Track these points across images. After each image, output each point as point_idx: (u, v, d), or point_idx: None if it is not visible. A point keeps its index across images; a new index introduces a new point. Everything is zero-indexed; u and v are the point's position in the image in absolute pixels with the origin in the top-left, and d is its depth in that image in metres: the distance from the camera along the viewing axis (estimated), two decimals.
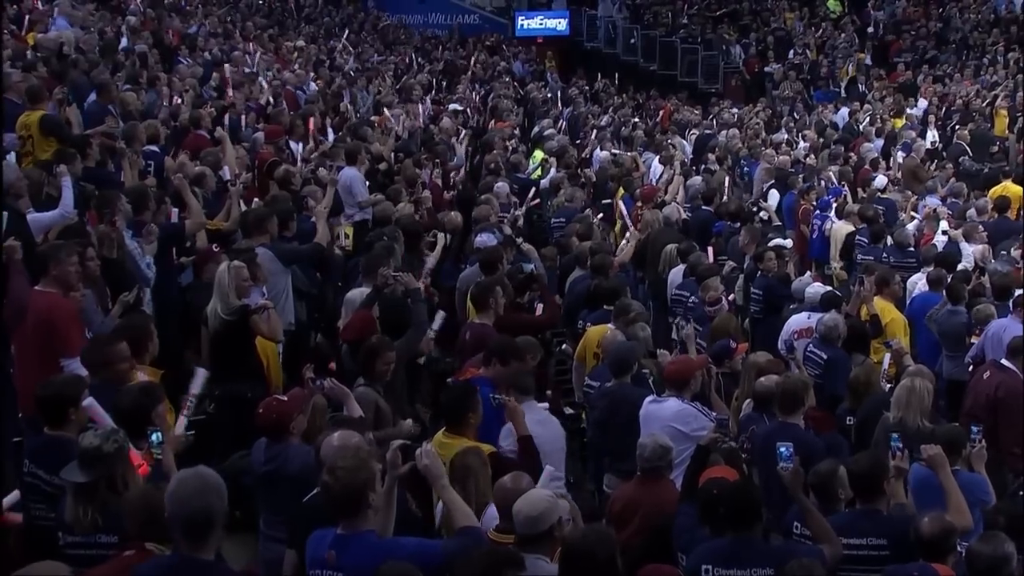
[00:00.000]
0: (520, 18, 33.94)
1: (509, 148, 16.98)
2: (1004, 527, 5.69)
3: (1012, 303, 9.79)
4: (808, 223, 14.52)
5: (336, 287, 10.10)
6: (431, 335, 8.45)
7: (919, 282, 11.20)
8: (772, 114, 23.81)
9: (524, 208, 13.36)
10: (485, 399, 6.68)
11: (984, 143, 19.52)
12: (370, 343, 7.28)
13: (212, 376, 7.90)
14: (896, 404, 7.35)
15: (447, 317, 8.83)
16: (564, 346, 10.36)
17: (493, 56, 29.21)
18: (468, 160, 17.36)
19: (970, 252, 11.88)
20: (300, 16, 27.16)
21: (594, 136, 19.57)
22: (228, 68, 14.92)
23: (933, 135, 20.53)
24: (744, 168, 17.43)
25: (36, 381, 6.16)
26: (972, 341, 9.73)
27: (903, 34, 28.90)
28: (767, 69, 29.06)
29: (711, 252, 11.70)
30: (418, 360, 8.62)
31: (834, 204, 14.30)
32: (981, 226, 12.91)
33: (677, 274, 11.31)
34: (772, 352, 8.99)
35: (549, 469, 5.67)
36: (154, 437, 5.48)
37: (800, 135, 20.08)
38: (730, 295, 10.58)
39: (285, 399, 6.32)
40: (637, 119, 23.27)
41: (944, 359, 10.16)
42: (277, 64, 18.78)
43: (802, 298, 10.09)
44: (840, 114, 22.93)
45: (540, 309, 9.34)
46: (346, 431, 5.64)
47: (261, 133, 12.88)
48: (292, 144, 13.06)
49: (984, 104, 21.72)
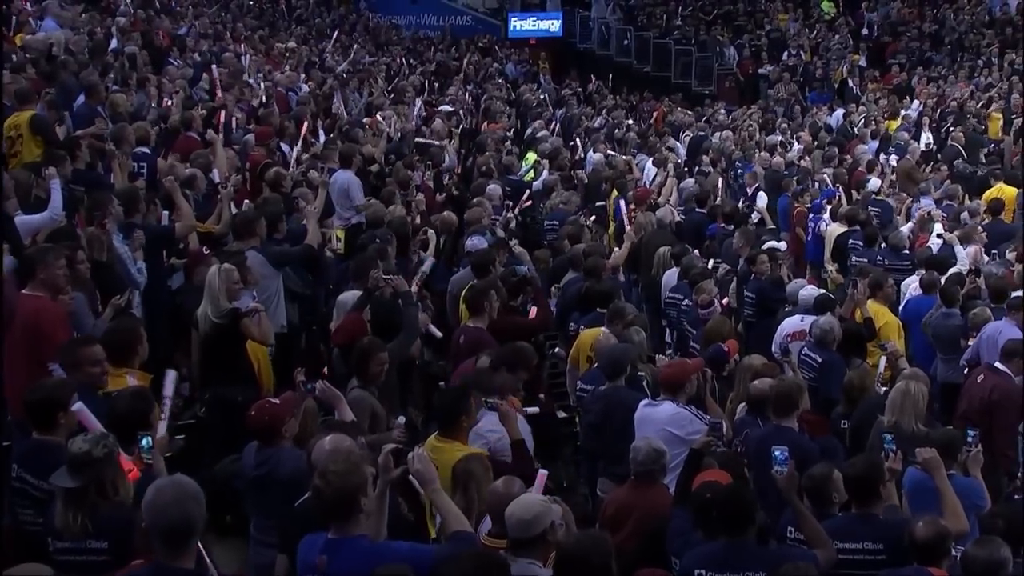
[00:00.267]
0: (513, 19, 33.87)
1: (503, 151, 16.92)
2: (1003, 530, 5.66)
3: (1007, 305, 9.78)
4: (803, 226, 14.51)
5: (328, 290, 10.05)
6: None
7: (912, 285, 11.17)
8: (764, 113, 23.75)
9: (517, 210, 13.32)
10: None
11: (977, 145, 19.51)
12: (362, 344, 7.26)
13: (202, 380, 7.91)
14: (891, 407, 7.34)
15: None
16: (557, 349, 10.31)
17: (486, 57, 29.16)
18: (460, 162, 17.31)
19: (964, 255, 11.86)
20: (291, 17, 27.12)
21: (587, 138, 19.52)
22: (215, 69, 14.83)
23: (928, 137, 20.53)
24: (738, 170, 17.40)
25: (24, 385, 6.13)
26: (968, 344, 9.72)
27: (899, 36, 28.90)
28: (761, 71, 29.05)
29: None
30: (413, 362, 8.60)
31: (827, 206, 14.28)
32: (980, 227, 12.90)
33: (670, 277, 11.27)
34: (765, 355, 8.96)
35: (543, 473, 5.62)
36: (144, 442, 5.44)
37: (795, 137, 20.05)
38: (724, 298, 10.53)
39: (277, 402, 6.29)
40: (630, 121, 23.23)
41: (938, 362, 10.15)
42: (268, 65, 18.70)
43: (796, 301, 10.06)
44: (834, 116, 22.92)
45: (533, 312, 9.31)
46: (338, 435, 5.61)
47: (251, 135, 12.82)
48: (283, 146, 13.00)
49: (979, 106, 21.72)
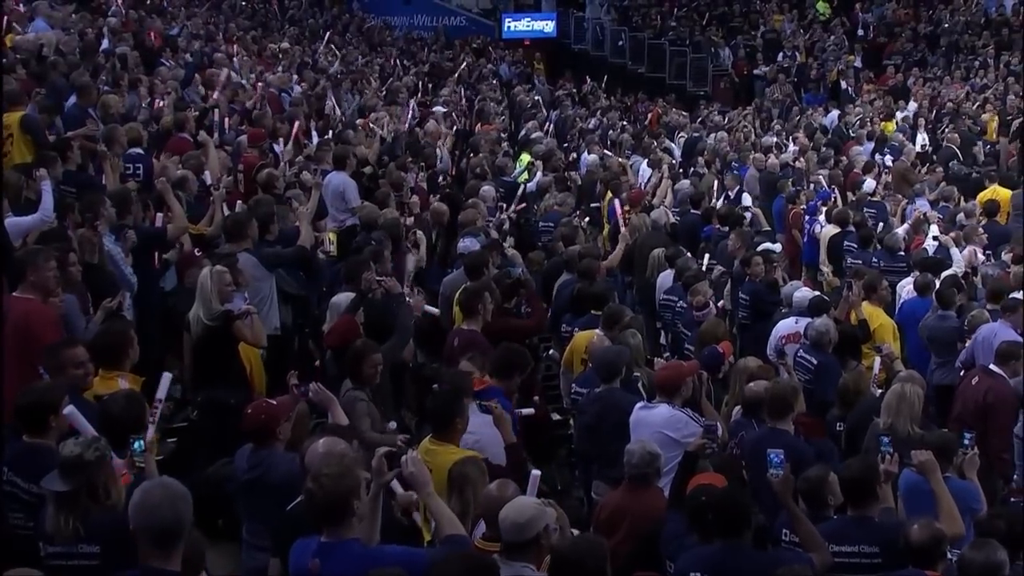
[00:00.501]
0: (507, 20, 33.88)
1: (499, 152, 16.89)
2: (1004, 532, 5.62)
3: (1001, 307, 9.75)
4: (800, 227, 14.48)
5: (321, 292, 10.00)
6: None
7: (908, 286, 11.15)
8: (759, 113, 23.72)
9: (513, 211, 13.28)
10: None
11: (970, 146, 19.52)
12: (355, 347, 7.23)
13: (194, 382, 7.87)
14: (886, 410, 7.31)
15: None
16: (551, 351, 10.28)
17: (479, 58, 29.12)
18: (454, 164, 17.28)
19: (960, 257, 11.84)
20: (284, 18, 27.03)
21: (581, 139, 19.50)
22: (209, 71, 14.77)
23: (923, 138, 20.53)
24: (734, 172, 17.39)
25: (15, 388, 6.08)
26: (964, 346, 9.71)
27: (894, 37, 28.88)
28: (756, 72, 29.01)
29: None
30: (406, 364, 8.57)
31: (823, 208, 14.26)
32: (981, 229, 12.89)
33: (665, 279, 11.22)
34: (760, 358, 8.93)
35: (535, 474, 5.59)
36: (136, 445, 5.41)
37: (791, 138, 20.03)
38: (720, 301, 10.50)
39: (274, 403, 6.26)
40: (625, 122, 23.21)
41: (933, 364, 10.12)
42: (260, 66, 18.64)
43: (791, 303, 10.03)
44: (829, 117, 22.91)
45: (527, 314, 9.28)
46: (331, 438, 5.59)
47: (244, 137, 12.76)
48: (276, 147, 12.94)
49: (975, 107, 21.72)
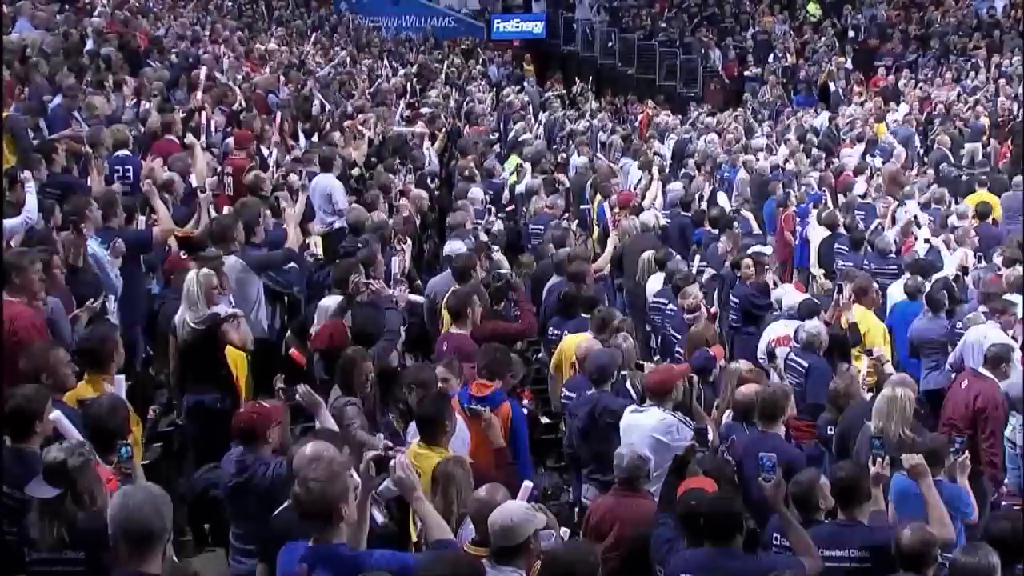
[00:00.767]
0: (496, 21, 33.84)
1: (489, 154, 16.85)
2: (1008, 532, 5.58)
3: (991, 309, 9.75)
4: (792, 230, 14.47)
5: (308, 294, 9.94)
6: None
7: (899, 290, 11.13)
8: (753, 114, 23.70)
9: (503, 214, 13.24)
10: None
11: (958, 148, 19.54)
12: (347, 355, 7.17)
13: (180, 386, 7.82)
14: (877, 414, 7.27)
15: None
16: (541, 354, 10.25)
17: (468, 60, 29.07)
18: (443, 166, 17.23)
19: (952, 260, 11.84)
20: (271, 18, 26.92)
21: (571, 141, 19.46)
22: (193, 72, 14.69)
23: (915, 140, 20.52)
24: (724, 174, 17.38)
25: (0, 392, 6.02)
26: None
27: (885, 38, 28.89)
28: (747, 73, 29.00)
29: None
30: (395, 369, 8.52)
31: (813, 211, 14.26)
32: (973, 231, 12.90)
33: (655, 282, 11.19)
34: (750, 361, 8.92)
35: (527, 485, 5.55)
36: (123, 451, 5.37)
37: (783, 140, 20.01)
38: (711, 305, 10.47)
39: (267, 406, 6.22)
40: (615, 124, 23.16)
41: (923, 367, 10.11)
42: (247, 67, 18.55)
43: (781, 306, 10.01)
44: (820, 119, 22.92)
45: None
46: (320, 443, 5.55)
47: (231, 139, 12.69)
48: (263, 149, 12.88)
49: (966, 109, 21.74)
